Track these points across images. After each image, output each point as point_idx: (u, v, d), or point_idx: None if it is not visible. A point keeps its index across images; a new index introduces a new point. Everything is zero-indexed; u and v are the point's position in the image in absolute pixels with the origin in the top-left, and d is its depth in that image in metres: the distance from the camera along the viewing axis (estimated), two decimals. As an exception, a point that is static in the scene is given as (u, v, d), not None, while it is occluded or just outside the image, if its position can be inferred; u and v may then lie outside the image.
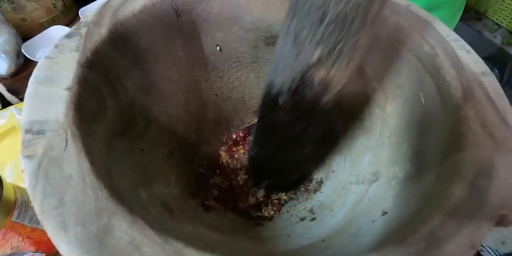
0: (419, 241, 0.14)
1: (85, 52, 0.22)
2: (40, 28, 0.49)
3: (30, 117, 0.17)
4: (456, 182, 0.17)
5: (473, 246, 0.14)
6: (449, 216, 0.15)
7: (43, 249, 0.27)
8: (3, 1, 0.46)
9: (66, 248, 0.13)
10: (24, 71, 0.46)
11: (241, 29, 0.35)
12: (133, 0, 0.27)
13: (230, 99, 0.39)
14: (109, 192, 0.14)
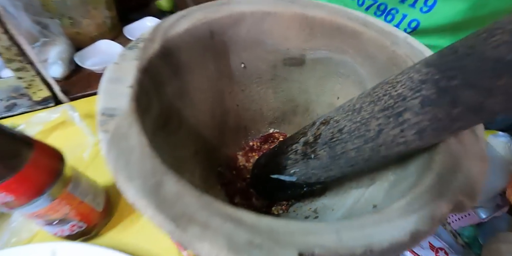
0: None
1: (141, 61, 0.28)
2: (90, 41, 0.57)
3: (104, 105, 0.23)
4: (427, 175, 0.21)
5: (433, 219, 0.18)
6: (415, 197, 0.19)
7: (85, 220, 0.32)
8: (64, 17, 0.54)
9: (131, 193, 0.18)
10: (75, 76, 0.54)
11: (263, 50, 0.40)
12: (179, 23, 0.33)
13: (250, 110, 0.44)
14: (161, 160, 0.20)
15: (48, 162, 0.28)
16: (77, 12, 0.55)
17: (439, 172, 0.21)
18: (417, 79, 0.20)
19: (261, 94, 0.44)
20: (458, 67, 0.17)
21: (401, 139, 0.21)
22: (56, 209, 0.29)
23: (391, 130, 0.21)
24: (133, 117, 0.22)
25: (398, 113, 0.21)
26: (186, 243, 0.16)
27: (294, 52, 0.40)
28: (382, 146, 0.23)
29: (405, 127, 0.21)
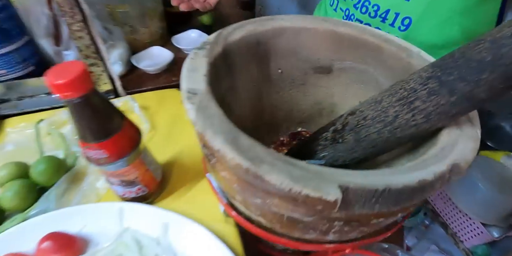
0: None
1: (209, 58, 0.36)
2: (144, 46, 0.66)
3: (187, 86, 0.30)
4: (432, 149, 0.28)
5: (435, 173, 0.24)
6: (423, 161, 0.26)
7: (147, 186, 0.39)
8: (126, 25, 0.63)
9: (218, 142, 0.25)
10: (130, 74, 0.62)
11: (298, 59, 0.48)
12: (235, 32, 0.41)
13: (282, 110, 0.51)
14: (234, 125, 0.27)
15: (132, 133, 0.35)
16: (136, 22, 0.65)
17: (441, 146, 0.27)
18: (425, 76, 0.27)
19: (292, 96, 0.51)
20: (454, 66, 0.24)
21: (412, 122, 0.28)
22: (130, 172, 0.36)
23: (405, 115, 0.28)
24: (209, 95, 0.30)
25: (410, 102, 0.28)
26: (259, 176, 0.23)
27: (323, 62, 0.47)
28: (397, 128, 0.29)
29: (416, 112, 0.27)
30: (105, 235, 0.37)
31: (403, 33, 0.55)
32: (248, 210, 0.32)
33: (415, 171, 0.24)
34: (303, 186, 0.22)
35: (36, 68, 0.58)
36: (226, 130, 0.26)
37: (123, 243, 0.36)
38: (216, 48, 0.38)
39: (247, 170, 0.23)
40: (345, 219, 0.26)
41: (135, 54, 0.64)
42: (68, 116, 0.32)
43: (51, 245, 0.34)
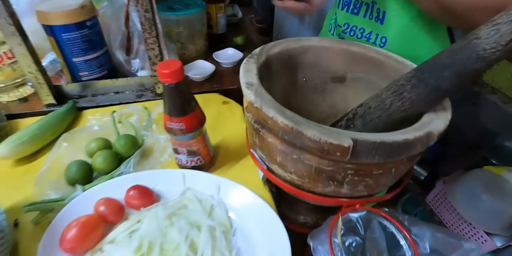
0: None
1: (257, 64, 0.49)
2: (191, 59, 0.81)
3: (246, 80, 0.44)
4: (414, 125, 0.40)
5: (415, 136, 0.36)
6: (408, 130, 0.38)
7: (204, 158, 0.51)
8: (178, 42, 0.79)
9: (272, 113, 0.38)
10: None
11: (319, 70, 0.62)
12: (274, 48, 0.55)
13: (305, 111, 0.64)
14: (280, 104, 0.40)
15: (200, 115, 0.48)
16: (186, 40, 0.81)
17: (421, 123, 0.39)
18: (409, 76, 0.40)
19: (313, 100, 0.64)
20: (427, 68, 0.37)
21: (402, 108, 0.41)
22: (194, 144, 0.49)
23: (396, 103, 0.41)
24: (261, 86, 0.43)
25: (400, 93, 0.40)
26: (300, 131, 0.35)
27: (339, 73, 0.61)
28: (392, 113, 0.42)
29: (404, 100, 0.40)
30: (172, 192, 0.49)
31: (383, 48, 0.68)
32: (283, 170, 0.44)
33: (402, 134, 0.36)
34: (328, 137, 0.34)
35: (108, 72, 0.73)
36: (276, 106, 0.39)
37: (186, 197, 0.48)
38: (261, 58, 0.52)
39: (292, 128, 0.36)
40: (355, 169, 0.38)
41: (185, 65, 0.79)
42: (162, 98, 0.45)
43: (136, 193, 0.46)
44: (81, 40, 0.65)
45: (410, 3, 0.55)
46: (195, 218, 0.44)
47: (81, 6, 0.62)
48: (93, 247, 0.41)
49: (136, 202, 0.46)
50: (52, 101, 0.67)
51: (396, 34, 0.63)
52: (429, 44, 0.62)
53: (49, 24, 0.62)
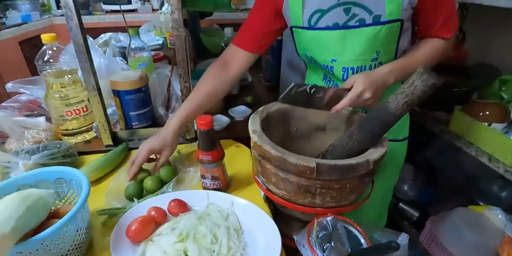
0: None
1: (260, 118, 0.73)
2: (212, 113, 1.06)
3: (252, 128, 0.68)
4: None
5: (357, 162, 0.58)
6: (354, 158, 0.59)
7: (222, 182, 0.73)
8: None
9: (267, 148, 0.60)
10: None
11: (307, 121, 0.85)
12: (272, 107, 0.80)
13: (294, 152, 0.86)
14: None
15: (221, 151, 0.71)
16: (209, 100, 1.07)
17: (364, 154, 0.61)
18: (357, 124, 0.63)
19: (302, 145, 0.87)
20: (365, 120, 0.61)
21: (353, 145, 0.63)
22: (216, 171, 0.70)
23: (350, 142, 0.63)
24: (262, 132, 0.66)
25: (351, 136, 0.63)
26: (284, 159, 0.57)
27: (321, 124, 0.84)
28: (348, 149, 0.64)
29: (354, 141, 0.63)
30: (199, 205, 0.69)
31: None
32: (278, 188, 0.65)
33: (349, 161, 0.58)
34: (301, 161, 0.56)
35: (152, 123, 0.98)
36: (271, 144, 0.62)
37: (209, 209, 0.68)
38: (263, 114, 0.76)
39: (280, 157, 0.58)
40: (321, 183, 0.59)
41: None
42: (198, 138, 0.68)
43: (175, 204, 0.67)
44: (137, 100, 0.91)
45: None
46: (216, 221, 0.64)
47: (140, 77, 0.90)
48: (147, 238, 0.61)
49: (175, 210, 0.67)
50: (110, 143, 0.91)
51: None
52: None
53: (117, 89, 0.89)
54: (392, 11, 0.72)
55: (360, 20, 0.74)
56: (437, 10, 0.77)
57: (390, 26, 0.74)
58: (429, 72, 0.52)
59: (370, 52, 0.77)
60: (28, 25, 2.93)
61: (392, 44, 0.78)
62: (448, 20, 0.78)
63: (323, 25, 0.78)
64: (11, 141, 0.90)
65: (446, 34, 0.80)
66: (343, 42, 0.77)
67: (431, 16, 0.78)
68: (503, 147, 1.11)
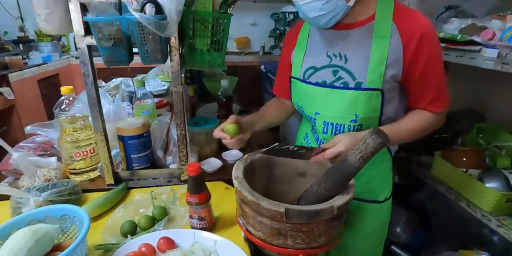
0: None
1: (244, 165, 0.83)
2: (205, 157, 1.17)
3: (235, 174, 0.77)
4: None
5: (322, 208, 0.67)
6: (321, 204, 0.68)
7: (208, 222, 0.81)
8: (198, 145, 1.16)
9: (246, 193, 0.70)
10: (198, 172, 1.12)
11: (289, 168, 0.95)
12: (256, 154, 0.90)
13: (279, 196, 0.95)
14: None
15: (208, 194, 0.80)
16: (204, 144, 1.19)
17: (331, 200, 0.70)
18: (324, 174, 0.72)
19: (285, 189, 0.95)
20: (331, 170, 0.70)
21: (322, 192, 0.72)
22: (203, 212, 0.79)
23: (319, 189, 0.72)
24: (243, 179, 0.76)
25: (320, 184, 0.72)
26: (259, 204, 0.66)
27: (301, 170, 0.94)
28: (318, 195, 0.73)
29: (322, 188, 0.72)
30: (186, 243, 0.77)
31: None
32: (255, 229, 0.73)
33: (315, 206, 0.66)
34: (272, 206, 0.65)
35: (150, 165, 1.08)
36: (249, 190, 0.71)
37: (194, 247, 0.76)
38: (247, 161, 0.86)
39: (255, 202, 0.67)
40: (291, 226, 0.67)
41: (201, 161, 1.14)
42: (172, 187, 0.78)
43: (164, 242, 0.75)
44: (138, 145, 1.03)
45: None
46: (198, 259, 0.71)
47: (142, 124, 1.02)
48: (136, 272, 0.68)
49: (163, 247, 0.74)
50: (112, 182, 1.01)
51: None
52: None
53: (122, 134, 1.01)
54: (372, 80, 0.80)
55: (344, 83, 0.84)
56: (424, 87, 0.83)
57: (369, 94, 0.82)
58: (378, 133, 0.63)
59: (349, 113, 0.85)
60: (47, 65, 3.18)
61: (373, 111, 0.85)
62: (436, 98, 0.83)
63: (314, 81, 0.90)
64: (24, 178, 1.01)
65: (435, 109, 0.85)
66: (327, 99, 0.89)
67: (418, 92, 0.84)
68: (479, 193, 1.18)
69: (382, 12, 0.80)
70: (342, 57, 0.85)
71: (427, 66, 0.79)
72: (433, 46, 0.79)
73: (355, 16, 0.82)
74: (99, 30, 0.76)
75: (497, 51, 1.07)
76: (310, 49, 0.92)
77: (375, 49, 0.79)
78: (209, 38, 0.96)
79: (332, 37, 0.87)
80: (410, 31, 0.77)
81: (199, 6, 0.90)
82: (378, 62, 0.79)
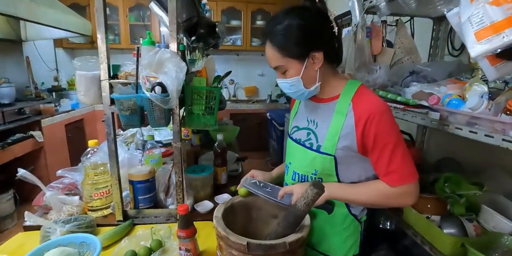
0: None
1: (225, 207, 1.05)
2: (200, 200, 1.39)
3: (215, 214, 1.00)
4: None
5: (277, 243, 0.87)
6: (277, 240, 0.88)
7: (193, 253, 1.02)
8: (194, 189, 1.40)
9: (220, 229, 0.91)
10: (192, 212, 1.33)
11: (264, 211, 1.15)
12: (236, 199, 1.12)
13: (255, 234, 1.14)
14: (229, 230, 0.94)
15: (194, 229, 1.01)
16: (200, 188, 1.41)
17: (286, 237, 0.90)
18: (281, 215, 0.93)
19: (261, 229, 1.15)
20: (286, 212, 0.91)
21: (279, 231, 0.92)
22: (189, 245, 0.99)
23: (278, 229, 0.93)
24: (221, 219, 0.98)
25: (279, 224, 0.93)
26: (229, 238, 0.87)
27: (274, 213, 1.14)
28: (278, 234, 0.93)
29: (279, 227, 0.92)
30: (173, 270, 0.97)
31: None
32: (227, 260, 0.92)
33: (271, 241, 0.87)
34: (238, 240, 0.86)
35: (153, 205, 1.31)
36: (223, 227, 0.92)
37: (180, 273, 0.96)
38: (228, 204, 1.08)
39: (226, 237, 0.88)
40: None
41: (196, 203, 1.37)
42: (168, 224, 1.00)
43: (156, 268, 0.95)
44: (145, 188, 1.27)
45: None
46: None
47: (149, 172, 1.28)
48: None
49: (155, 273, 0.95)
50: (121, 218, 1.24)
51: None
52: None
53: (132, 179, 1.26)
54: (326, 147, 0.98)
55: (311, 143, 1.06)
56: (378, 160, 0.94)
57: (323, 157, 0.99)
58: (315, 185, 0.85)
59: (310, 168, 1.05)
60: (75, 111, 3.57)
61: (328, 170, 1.01)
62: (392, 172, 0.93)
63: (294, 137, 1.14)
64: (52, 212, 1.25)
65: (390, 182, 0.94)
66: (298, 154, 1.12)
67: (374, 164, 0.96)
68: (438, 238, 1.33)
69: (345, 93, 0.99)
70: (315, 123, 1.08)
71: (377, 143, 0.92)
72: (381, 126, 0.91)
73: (324, 93, 1.05)
74: (120, 103, 1.05)
75: (439, 114, 1.30)
76: (299, 112, 1.18)
77: (333, 122, 0.98)
78: (204, 105, 1.24)
79: (311, 106, 1.11)
80: (360, 112, 0.93)
81: (196, 83, 1.20)
82: (333, 133, 0.97)
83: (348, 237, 1.12)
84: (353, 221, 1.12)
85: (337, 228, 1.11)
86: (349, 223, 1.11)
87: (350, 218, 1.11)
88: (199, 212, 1.33)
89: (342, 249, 1.13)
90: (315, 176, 1.07)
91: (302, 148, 1.09)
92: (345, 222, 1.11)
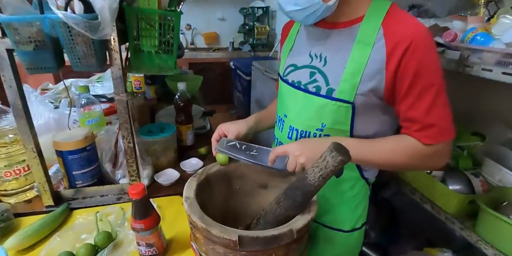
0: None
1: (197, 181, 0.75)
2: (161, 168, 1.07)
3: (186, 195, 0.69)
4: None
5: (280, 233, 0.60)
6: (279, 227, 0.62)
7: (158, 249, 0.72)
8: (153, 156, 1.06)
9: (195, 218, 0.61)
10: (152, 185, 1.01)
11: (249, 180, 0.87)
12: (212, 168, 0.82)
13: (241, 212, 0.87)
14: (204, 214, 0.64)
15: (156, 218, 0.71)
16: (160, 154, 1.09)
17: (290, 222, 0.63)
18: (283, 192, 0.66)
19: (246, 203, 0.88)
20: (289, 188, 0.64)
21: (281, 212, 0.65)
22: (151, 238, 0.70)
23: (278, 209, 0.66)
24: (195, 200, 0.68)
25: (279, 203, 0.65)
26: (209, 231, 0.59)
27: (262, 182, 0.87)
28: (277, 215, 0.66)
29: (281, 207, 0.65)
30: (131, 275, 0.68)
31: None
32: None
33: (272, 231, 0.60)
34: (224, 234, 0.57)
35: (97, 181, 0.97)
36: (199, 214, 0.63)
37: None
38: (201, 176, 0.78)
39: (205, 229, 0.59)
40: (246, 254, 0.60)
41: (157, 173, 1.05)
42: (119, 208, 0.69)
43: (105, 276, 0.66)
44: (80, 160, 0.91)
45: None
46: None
47: (84, 137, 0.91)
48: None
49: (104, 283, 0.65)
50: (51, 203, 0.90)
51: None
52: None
53: (60, 149, 0.89)
54: (343, 90, 0.71)
55: (317, 87, 0.76)
56: (412, 109, 0.68)
57: (338, 105, 0.72)
58: (338, 149, 0.56)
59: (315, 121, 0.77)
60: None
61: (341, 124, 0.75)
62: (428, 125, 0.68)
63: (290, 80, 0.84)
64: None
65: (423, 139, 0.69)
66: (296, 103, 0.82)
67: (405, 115, 0.70)
68: (442, 195, 1.16)
69: (372, 15, 0.70)
70: (322, 58, 0.76)
71: (416, 82, 0.66)
72: (426, 60, 0.65)
73: (339, 15, 0.73)
74: (15, 32, 0.64)
75: (459, 53, 1.05)
76: (297, 46, 0.86)
77: (353, 55, 0.70)
78: (157, 38, 0.85)
79: (317, 35, 0.79)
80: (398, 38, 0.65)
81: (142, 3, 0.80)
82: (353, 71, 0.69)
83: (357, 205, 0.90)
84: (364, 186, 0.89)
85: (345, 196, 0.87)
86: (359, 188, 0.88)
87: (361, 183, 0.87)
88: (161, 185, 1.02)
89: (350, 220, 0.90)
90: (321, 132, 0.79)
91: (302, 94, 0.78)
92: (355, 188, 0.87)
